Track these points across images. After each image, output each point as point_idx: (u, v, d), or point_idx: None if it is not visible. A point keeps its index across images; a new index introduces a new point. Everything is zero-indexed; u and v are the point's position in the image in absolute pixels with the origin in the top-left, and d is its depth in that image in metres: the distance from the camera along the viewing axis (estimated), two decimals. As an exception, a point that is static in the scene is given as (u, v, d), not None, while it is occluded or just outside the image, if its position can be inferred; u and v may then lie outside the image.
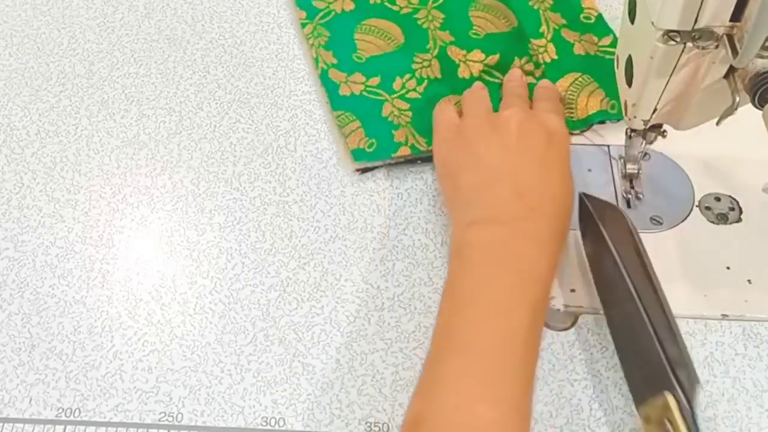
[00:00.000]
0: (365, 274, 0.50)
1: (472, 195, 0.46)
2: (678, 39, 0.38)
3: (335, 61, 0.58)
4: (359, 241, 0.51)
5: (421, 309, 0.48)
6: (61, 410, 0.45)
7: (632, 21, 0.42)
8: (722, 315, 0.47)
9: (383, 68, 0.58)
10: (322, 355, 0.47)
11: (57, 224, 0.53)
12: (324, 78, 0.58)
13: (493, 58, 0.58)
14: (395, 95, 0.56)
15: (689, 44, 0.38)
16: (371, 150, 0.53)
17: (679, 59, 0.39)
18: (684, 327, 0.47)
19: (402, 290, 0.49)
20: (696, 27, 0.37)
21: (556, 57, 0.58)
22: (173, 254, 0.51)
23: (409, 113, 0.55)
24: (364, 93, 0.57)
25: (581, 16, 0.60)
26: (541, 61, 0.57)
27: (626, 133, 0.50)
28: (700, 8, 0.36)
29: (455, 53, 0.58)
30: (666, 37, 0.38)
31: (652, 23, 0.38)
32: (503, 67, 0.57)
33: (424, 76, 0.57)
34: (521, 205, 0.44)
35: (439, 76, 0.57)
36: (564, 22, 0.60)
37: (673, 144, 0.51)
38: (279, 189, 0.54)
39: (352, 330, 0.48)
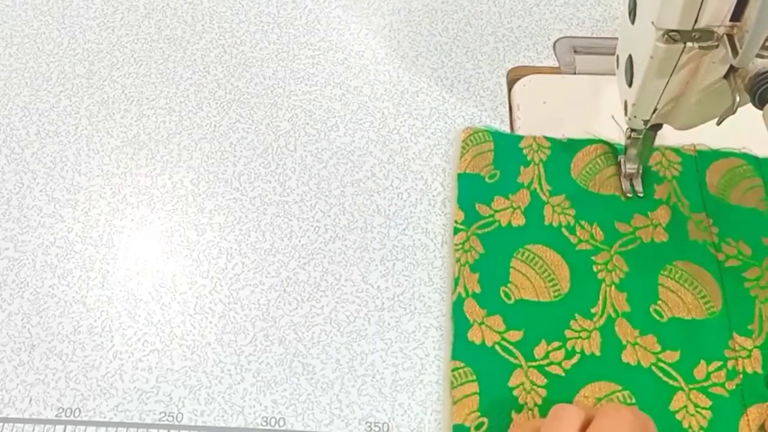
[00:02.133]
0: (365, 274, 0.50)
1: None
2: (678, 39, 0.38)
3: (478, 290, 0.47)
4: (359, 241, 0.51)
5: (421, 309, 0.48)
6: (61, 410, 0.45)
7: (632, 21, 0.42)
8: None
9: (530, 322, 0.46)
10: (322, 355, 0.47)
11: (57, 224, 0.53)
12: (457, 309, 0.47)
13: (672, 355, 0.45)
14: (533, 364, 0.45)
15: (689, 44, 0.38)
16: None
17: (679, 59, 0.39)
18: (684, 327, 0.47)
19: (402, 290, 0.49)
20: (696, 27, 0.37)
21: (761, 371, 0.44)
22: (173, 254, 0.51)
23: (543, 392, 0.44)
24: (497, 347, 0.45)
25: None
26: (739, 369, 0.44)
27: (626, 133, 0.50)
28: (700, 8, 0.36)
29: (625, 331, 0.46)
30: (666, 37, 0.38)
31: (652, 23, 0.38)
32: (685, 369, 0.44)
33: (578, 350, 0.45)
34: None
35: (597, 353, 0.45)
36: None
37: (673, 144, 0.51)
38: (279, 189, 0.54)
39: (352, 330, 0.48)
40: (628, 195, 0.51)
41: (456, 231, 0.50)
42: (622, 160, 0.51)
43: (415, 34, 0.63)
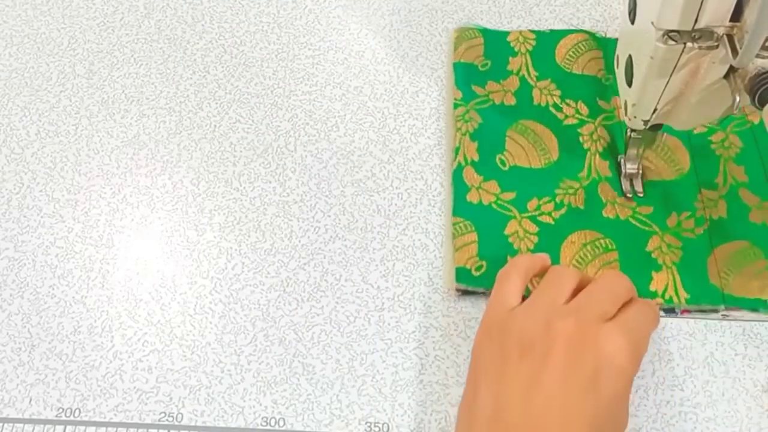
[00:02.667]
0: (365, 274, 0.50)
1: (475, 427, 0.38)
2: (678, 39, 0.38)
3: (476, 158, 0.53)
4: (359, 241, 0.51)
5: (421, 309, 0.48)
6: (61, 410, 0.45)
7: (632, 21, 0.42)
8: (722, 315, 0.47)
9: (523, 184, 0.52)
10: (322, 355, 0.47)
11: (57, 224, 0.53)
12: (457, 176, 0.52)
13: (647, 209, 0.50)
14: (526, 215, 0.50)
15: (689, 44, 0.38)
16: (478, 274, 0.48)
17: (679, 59, 0.39)
18: (684, 327, 0.47)
19: (402, 290, 0.49)
20: (696, 27, 0.37)
21: (725, 216, 0.49)
22: (173, 254, 0.51)
23: (535, 238, 0.49)
24: (493, 205, 0.51)
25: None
26: (707, 216, 0.49)
27: (626, 133, 0.50)
28: (700, 8, 0.36)
29: (606, 193, 0.51)
30: (666, 37, 0.38)
31: (652, 23, 0.38)
32: (658, 219, 0.50)
33: (565, 203, 0.51)
34: None
35: (581, 207, 0.50)
36: (746, 179, 0.51)
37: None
38: (279, 189, 0.54)
39: (352, 330, 0.48)
40: (628, 195, 0.51)
41: (456, 106, 0.56)
42: (622, 161, 0.51)
43: (415, 34, 0.63)
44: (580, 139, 0.54)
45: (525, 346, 0.38)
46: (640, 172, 0.51)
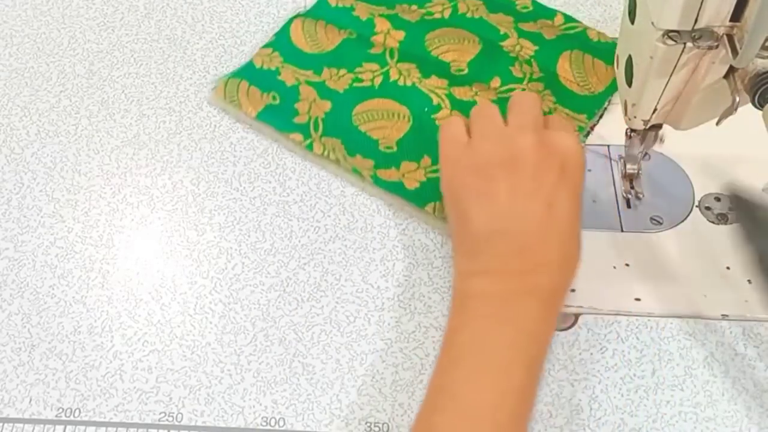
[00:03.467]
0: (365, 274, 0.50)
1: (480, 243, 0.44)
2: (678, 39, 0.38)
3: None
4: (359, 241, 0.51)
5: (421, 309, 0.48)
6: (61, 410, 0.45)
7: (632, 21, 0.42)
8: (722, 315, 0.47)
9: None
10: (322, 355, 0.47)
11: (57, 224, 0.53)
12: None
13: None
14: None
15: (689, 44, 0.38)
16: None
17: (679, 59, 0.39)
18: (684, 327, 0.47)
19: (402, 290, 0.49)
20: (696, 27, 0.37)
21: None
22: (173, 254, 0.51)
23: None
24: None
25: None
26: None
27: (626, 133, 0.50)
28: (700, 8, 0.36)
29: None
30: (666, 37, 0.38)
31: (652, 23, 0.38)
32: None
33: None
34: (526, 260, 0.43)
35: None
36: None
37: (673, 144, 0.51)
38: (279, 189, 0.54)
39: (352, 330, 0.48)
40: (628, 196, 0.51)
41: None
42: (623, 161, 0.51)
43: (415, 34, 0.63)
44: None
45: (497, 166, 0.45)
46: (641, 172, 0.51)
